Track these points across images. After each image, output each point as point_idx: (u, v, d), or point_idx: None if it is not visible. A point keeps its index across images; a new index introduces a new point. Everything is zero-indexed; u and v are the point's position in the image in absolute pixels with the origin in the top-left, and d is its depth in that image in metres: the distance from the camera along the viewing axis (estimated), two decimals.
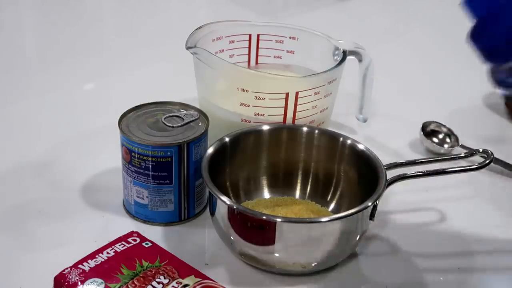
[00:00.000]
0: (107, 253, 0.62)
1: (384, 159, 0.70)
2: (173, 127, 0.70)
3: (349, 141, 0.72)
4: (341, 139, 0.72)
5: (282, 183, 0.75)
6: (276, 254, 0.63)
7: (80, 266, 0.60)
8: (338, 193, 0.74)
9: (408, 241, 0.71)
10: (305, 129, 0.74)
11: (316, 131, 0.74)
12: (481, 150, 0.73)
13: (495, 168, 0.80)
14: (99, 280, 0.59)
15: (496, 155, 0.72)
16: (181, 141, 0.68)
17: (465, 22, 0.54)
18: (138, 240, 0.64)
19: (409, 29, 1.24)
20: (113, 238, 0.64)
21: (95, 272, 0.60)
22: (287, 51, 0.87)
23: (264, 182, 0.75)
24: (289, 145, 0.74)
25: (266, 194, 0.75)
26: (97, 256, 0.62)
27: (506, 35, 0.46)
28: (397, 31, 1.22)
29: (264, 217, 0.62)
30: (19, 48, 1.14)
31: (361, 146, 0.71)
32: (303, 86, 0.75)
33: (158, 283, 0.59)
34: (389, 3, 1.35)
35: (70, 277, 0.59)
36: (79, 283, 0.59)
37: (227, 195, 0.67)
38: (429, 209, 0.76)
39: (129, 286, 0.59)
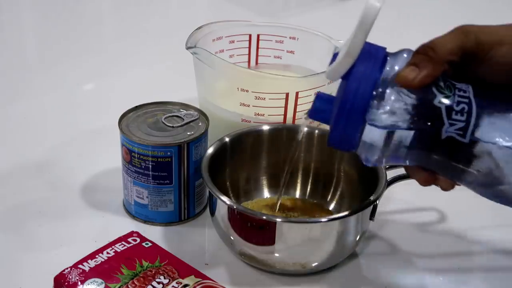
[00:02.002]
0: (107, 253, 0.62)
1: None
2: (173, 127, 0.70)
3: None
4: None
5: (281, 183, 0.75)
6: (276, 254, 0.63)
7: (80, 266, 0.60)
8: (338, 193, 0.74)
9: (408, 241, 0.71)
10: (305, 129, 0.74)
11: (316, 131, 0.74)
12: None
13: None
14: (99, 280, 0.59)
15: None
16: (181, 141, 0.68)
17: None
18: (138, 240, 0.64)
19: (409, 29, 1.24)
20: (113, 238, 0.64)
21: (95, 272, 0.60)
22: (287, 51, 0.87)
23: (264, 182, 0.75)
24: (289, 145, 0.74)
25: (266, 194, 0.75)
26: (97, 256, 0.62)
27: (339, 142, 0.55)
28: (397, 31, 1.22)
29: (264, 217, 0.62)
30: (19, 48, 1.14)
31: None
32: (303, 86, 0.75)
33: (158, 283, 0.59)
34: (389, 3, 1.34)
35: (70, 277, 0.59)
36: (79, 283, 0.59)
37: (227, 195, 0.67)
38: (429, 209, 0.76)
39: (129, 286, 0.59)
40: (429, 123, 0.52)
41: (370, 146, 0.54)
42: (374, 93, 0.52)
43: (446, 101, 0.52)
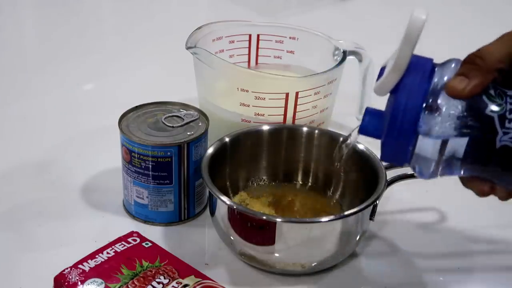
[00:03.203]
0: (107, 253, 0.62)
1: None
2: (173, 127, 0.70)
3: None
4: (341, 139, 0.72)
5: (282, 183, 0.75)
6: (276, 254, 0.63)
7: (80, 266, 0.60)
8: (338, 193, 0.74)
9: (408, 241, 0.71)
10: (305, 129, 0.74)
11: (316, 131, 0.74)
12: None
13: None
14: (99, 280, 0.59)
15: None
16: (181, 141, 0.68)
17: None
18: (138, 240, 0.64)
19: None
20: (113, 238, 0.64)
21: (95, 272, 0.60)
22: (287, 51, 0.87)
23: (264, 182, 0.75)
24: (289, 145, 0.74)
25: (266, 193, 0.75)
26: (97, 256, 0.62)
27: (392, 158, 0.56)
28: (397, 31, 1.22)
29: (264, 217, 0.62)
30: (19, 48, 1.14)
31: (361, 146, 0.71)
32: (303, 86, 0.75)
33: (158, 283, 0.59)
34: (389, 3, 1.35)
35: (70, 277, 0.59)
36: (79, 283, 0.59)
37: (227, 195, 0.67)
38: (429, 209, 0.76)
39: (129, 286, 0.59)
40: (482, 133, 0.52)
41: (424, 159, 0.54)
42: (424, 105, 0.52)
43: (498, 109, 0.52)
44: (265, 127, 0.74)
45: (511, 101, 0.52)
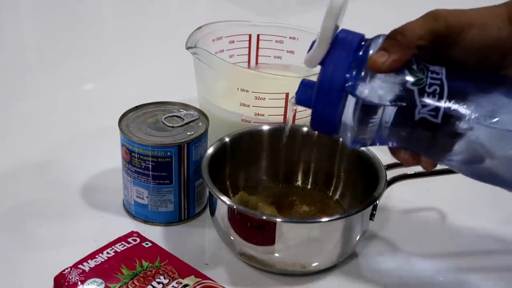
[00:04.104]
0: (107, 253, 0.62)
1: (384, 159, 0.69)
2: (173, 127, 0.70)
3: None
4: (341, 139, 0.72)
5: (282, 183, 0.75)
6: (276, 254, 0.63)
7: (80, 266, 0.60)
8: (338, 193, 0.74)
9: (408, 241, 0.71)
10: (305, 129, 0.74)
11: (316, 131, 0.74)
12: None
13: None
14: (99, 280, 0.59)
15: None
16: (181, 141, 0.68)
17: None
18: (138, 240, 0.64)
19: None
20: (113, 238, 0.64)
21: (95, 272, 0.60)
22: (287, 51, 0.87)
23: (264, 182, 0.75)
24: (289, 145, 0.74)
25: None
26: (97, 256, 0.62)
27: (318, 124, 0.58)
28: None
29: (264, 217, 0.62)
30: (19, 48, 1.14)
31: None
32: None
33: (158, 283, 0.59)
34: (390, 3, 1.35)
35: (70, 277, 0.59)
36: (79, 283, 0.59)
37: (227, 195, 0.67)
38: (429, 209, 0.76)
39: (129, 286, 0.59)
40: (403, 105, 0.53)
41: (350, 127, 0.55)
42: (349, 75, 0.54)
43: (418, 83, 0.54)
44: (265, 127, 0.74)
45: (432, 76, 0.54)
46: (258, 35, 0.86)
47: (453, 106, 0.53)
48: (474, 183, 0.79)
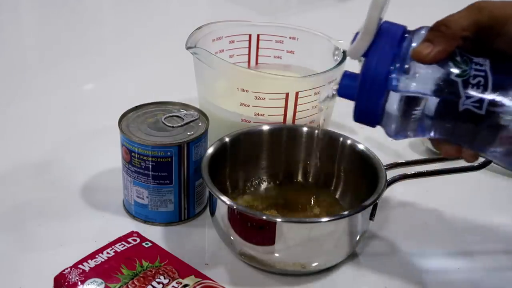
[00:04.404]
0: (107, 253, 0.62)
1: (384, 159, 0.69)
2: (173, 127, 0.70)
3: (349, 141, 0.72)
4: (341, 139, 0.72)
5: (282, 183, 0.75)
6: (276, 254, 0.63)
7: (80, 266, 0.60)
8: (338, 193, 0.74)
9: (408, 241, 0.71)
10: (305, 129, 0.74)
11: (316, 131, 0.74)
12: None
13: (495, 168, 0.80)
14: (99, 280, 0.59)
15: None
16: (181, 141, 0.68)
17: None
18: (138, 240, 0.64)
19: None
20: (113, 238, 0.64)
21: (95, 272, 0.60)
22: (287, 51, 0.87)
23: (264, 182, 0.75)
24: (289, 145, 0.74)
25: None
26: (97, 256, 0.62)
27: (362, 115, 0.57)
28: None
29: (264, 217, 0.62)
30: (19, 48, 1.14)
31: (361, 146, 0.71)
32: (303, 86, 0.75)
33: (158, 283, 0.59)
34: (389, 3, 1.35)
35: (70, 277, 0.59)
36: (79, 283, 0.59)
37: (227, 195, 0.67)
38: (429, 209, 0.76)
39: (129, 286, 0.59)
40: (447, 96, 0.54)
41: (393, 118, 0.56)
42: (393, 67, 0.54)
43: (462, 74, 0.54)
44: (265, 127, 0.74)
45: (476, 68, 0.54)
46: (258, 35, 0.86)
47: (498, 97, 0.53)
48: (474, 183, 0.79)
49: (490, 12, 0.54)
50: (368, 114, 0.57)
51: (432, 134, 0.57)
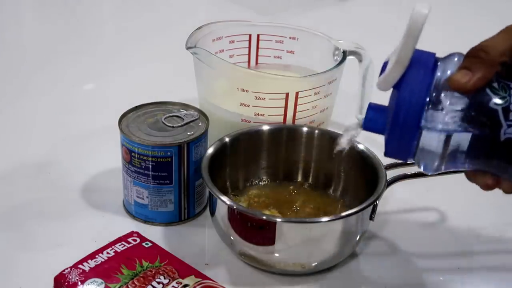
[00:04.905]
0: (107, 253, 0.62)
1: (384, 159, 0.69)
2: (173, 127, 0.70)
3: None
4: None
5: (282, 183, 0.75)
6: (276, 254, 0.63)
7: (80, 266, 0.60)
8: (338, 193, 0.74)
9: (408, 241, 0.71)
10: (305, 129, 0.74)
11: (316, 131, 0.74)
12: None
13: None
14: (99, 280, 0.59)
15: None
16: (181, 141, 0.68)
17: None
18: (138, 240, 0.64)
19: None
20: (113, 238, 0.64)
21: (95, 272, 0.60)
22: (287, 51, 0.87)
23: (264, 182, 0.75)
24: (289, 145, 0.74)
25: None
26: (97, 256, 0.62)
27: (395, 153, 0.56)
28: (397, 31, 1.22)
29: (264, 217, 0.62)
30: (18, 48, 1.14)
31: (361, 146, 0.71)
32: (303, 86, 0.75)
33: (158, 283, 0.59)
34: (389, 3, 1.35)
35: (70, 277, 0.59)
36: (79, 283, 0.59)
37: (227, 195, 0.67)
38: (429, 209, 0.76)
39: (129, 286, 0.59)
40: (486, 126, 0.52)
41: (428, 154, 0.54)
42: (428, 99, 0.52)
43: (501, 102, 0.52)
44: (265, 127, 0.74)
45: None
46: (258, 35, 0.86)
47: None
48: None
49: None
50: (401, 151, 0.55)
51: (467, 166, 0.55)
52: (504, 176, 0.55)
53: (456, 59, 0.54)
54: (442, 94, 0.52)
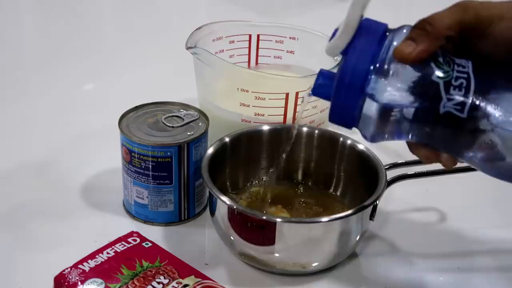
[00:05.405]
0: (107, 253, 0.62)
1: (384, 159, 0.70)
2: (173, 127, 0.70)
3: (349, 141, 0.72)
4: (341, 139, 0.72)
5: (282, 183, 0.75)
6: (276, 254, 0.63)
7: (80, 266, 0.60)
8: (338, 193, 0.74)
9: (408, 241, 0.71)
10: (305, 129, 0.74)
11: (316, 131, 0.74)
12: None
13: None
14: (99, 280, 0.59)
15: None
16: (181, 141, 0.68)
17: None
18: (138, 240, 0.64)
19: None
20: (113, 238, 0.64)
21: (95, 272, 0.60)
22: (287, 51, 0.87)
23: (264, 182, 0.75)
24: (288, 146, 0.74)
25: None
26: (97, 256, 0.62)
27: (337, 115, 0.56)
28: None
29: (264, 217, 0.62)
30: (19, 48, 1.14)
31: (361, 146, 0.71)
32: (303, 86, 0.75)
33: (158, 283, 0.59)
34: (389, 3, 1.35)
35: (70, 277, 0.59)
36: (79, 283, 0.59)
37: (227, 195, 0.67)
38: (429, 209, 0.76)
39: (129, 286, 0.59)
40: (427, 98, 0.52)
41: (370, 121, 0.54)
42: (372, 67, 0.53)
43: (444, 76, 0.52)
44: (265, 127, 0.74)
45: (458, 69, 0.53)
46: (258, 35, 0.86)
47: (479, 101, 0.52)
48: (474, 183, 0.79)
49: (475, 12, 0.53)
50: (344, 116, 0.55)
51: (409, 137, 0.55)
52: (444, 149, 0.55)
53: (405, 30, 0.54)
54: (388, 64, 0.53)
